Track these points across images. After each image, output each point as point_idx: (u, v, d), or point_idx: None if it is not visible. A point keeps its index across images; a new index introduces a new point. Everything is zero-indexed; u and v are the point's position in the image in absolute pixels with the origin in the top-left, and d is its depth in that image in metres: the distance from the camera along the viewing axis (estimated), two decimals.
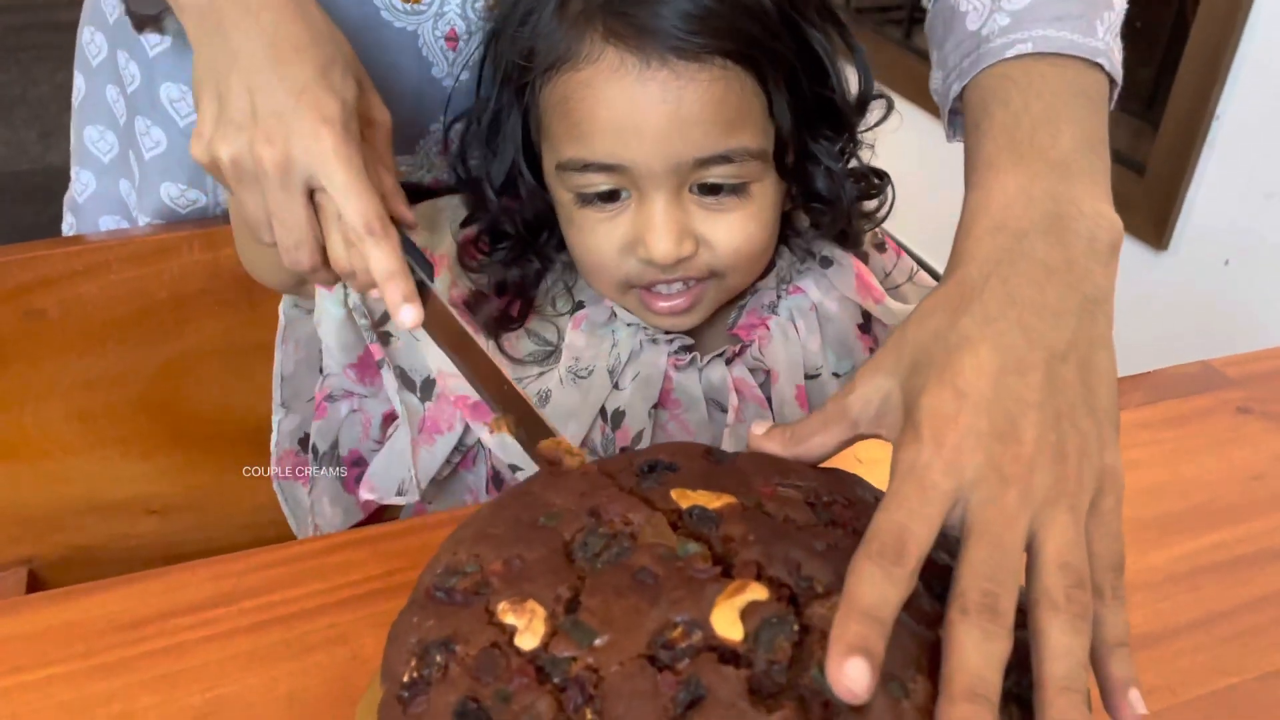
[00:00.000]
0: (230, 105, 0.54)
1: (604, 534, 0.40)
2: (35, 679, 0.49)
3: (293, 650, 0.51)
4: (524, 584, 0.38)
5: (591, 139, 0.60)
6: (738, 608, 0.36)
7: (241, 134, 0.53)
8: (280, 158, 0.53)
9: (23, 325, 0.74)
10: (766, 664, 0.35)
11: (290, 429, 0.76)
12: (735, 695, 0.34)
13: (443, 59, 0.73)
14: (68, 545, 0.83)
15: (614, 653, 0.35)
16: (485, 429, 0.67)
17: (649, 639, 0.36)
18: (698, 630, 0.36)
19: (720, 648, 0.35)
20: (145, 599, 0.53)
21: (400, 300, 0.54)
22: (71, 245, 0.76)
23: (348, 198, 0.53)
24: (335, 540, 0.58)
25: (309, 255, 0.56)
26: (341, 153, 0.53)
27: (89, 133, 0.83)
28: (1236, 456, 0.67)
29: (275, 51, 0.53)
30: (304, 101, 0.53)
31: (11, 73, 3.06)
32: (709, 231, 0.63)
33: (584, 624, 0.36)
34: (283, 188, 0.54)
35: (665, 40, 0.57)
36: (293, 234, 0.55)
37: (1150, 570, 0.58)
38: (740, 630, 0.36)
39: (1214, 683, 0.52)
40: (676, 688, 0.34)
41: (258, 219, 0.56)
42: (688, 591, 0.37)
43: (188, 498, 0.85)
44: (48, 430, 0.79)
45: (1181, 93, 1.74)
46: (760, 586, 0.37)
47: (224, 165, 0.54)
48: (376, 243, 0.54)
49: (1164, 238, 1.81)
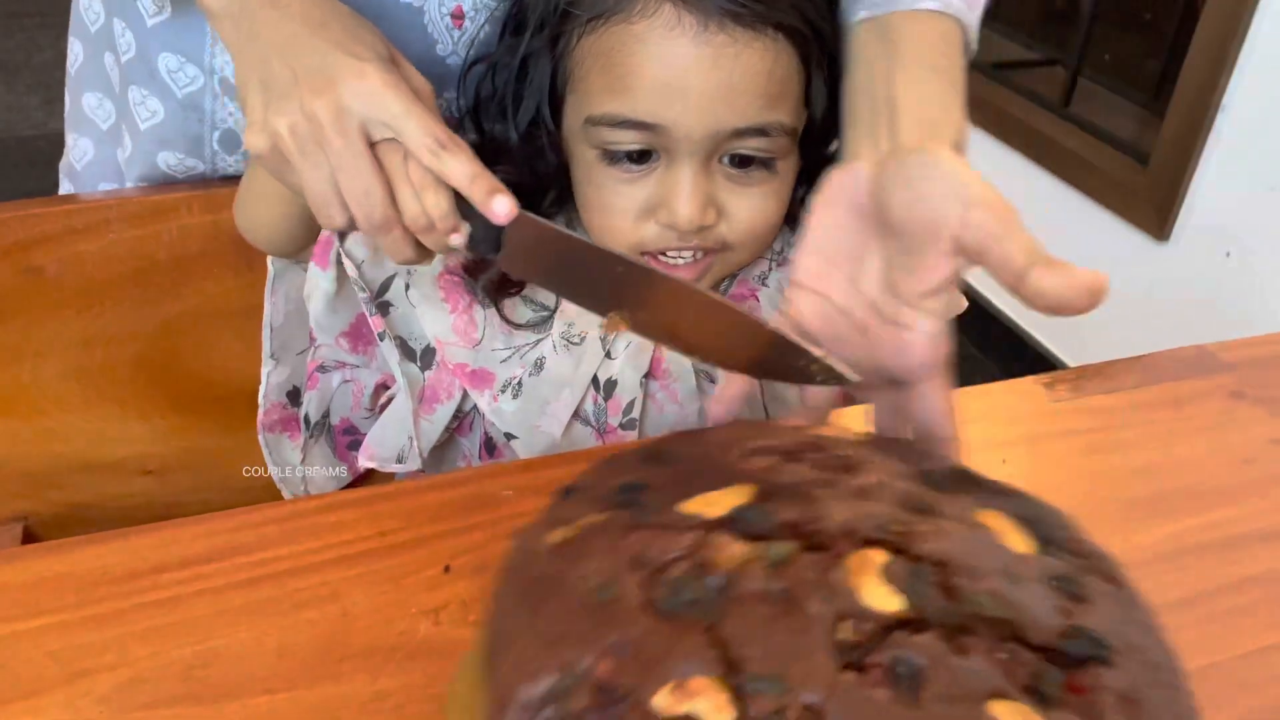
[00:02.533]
0: (275, 84, 0.53)
1: (674, 580, 0.36)
2: (28, 629, 0.49)
3: (283, 606, 0.51)
4: (657, 667, 0.33)
5: (634, 95, 0.59)
6: (878, 578, 0.35)
7: (291, 100, 0.53)
8: (332, 105, 0.52)
9: (21, 282, 0.75)
10: (938, 610, 0.34)
11: (279, 381, 0.76)
12: (941, 652, 0.33)
13: (448, 37, 0.72)
14: (63, 503, 0.83)
15: (815, 682, 0.32)
16: (484, 395, 0.67)
17: (831, 651, 0.33)
18: (867, 619, 0.34)
19: (891, 621, 0.34)
20: (138, 553, 0.54)
21: (488, 194, 0.53)
22: (70, 204, 0.76)
23: (407, 120, 0.52)
24: (328, 500, 0.58)
25: (381, 203, 0.54)
26: (389, 81, 0.52)
27: (87, 99, 0.83)
28: (1228, 440, 0.68)
29: (305, 27, 0.54)
30: (339, 52, 0.53)
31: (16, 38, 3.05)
32: (731, 203, 0.63)
33: (762, 674, 0.32)
34: (341, 134, 0.52)
35: (726, 3, 0.57)
36: (359, 182, 0.53)
37: (1138, 549, 0.58)
38: (895, 596, 0.34)
39: (1197, 660, 0.51)
40: (889, 677, 0.32)
41: (324, 191, 0.54)
42: (820, 587, 0.35)
43: (183, 459, 0.86)
44: (45, 388, 0.79)
45: (1187, 84, 1.74)
46: (873, 550, 0.36)
47: (284, 139, 0.53)
48: (451, 154, 0.52)
49: (1166, 228, 1.81)
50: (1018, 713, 0.32)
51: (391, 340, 0.68)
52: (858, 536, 0.37)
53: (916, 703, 0.32)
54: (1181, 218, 1.80)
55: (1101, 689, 0.34)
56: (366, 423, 0.77)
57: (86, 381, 0.80)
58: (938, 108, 0.54)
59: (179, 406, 0.84)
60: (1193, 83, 1.72)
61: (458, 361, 0.67)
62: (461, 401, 0.70)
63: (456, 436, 0.73)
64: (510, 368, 0.68)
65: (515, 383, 0.68)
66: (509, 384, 0.68)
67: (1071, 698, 0.34)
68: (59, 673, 0.47)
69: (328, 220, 0.55)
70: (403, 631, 0.50)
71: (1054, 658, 0.35)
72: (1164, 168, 1.80)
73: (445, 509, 0.58)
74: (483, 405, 0.68)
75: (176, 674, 0.47)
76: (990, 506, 0.42)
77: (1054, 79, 2.17)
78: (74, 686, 0.47)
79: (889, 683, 0.32)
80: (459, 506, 0.58)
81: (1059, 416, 0.69)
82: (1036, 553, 0.40)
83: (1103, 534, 0.59)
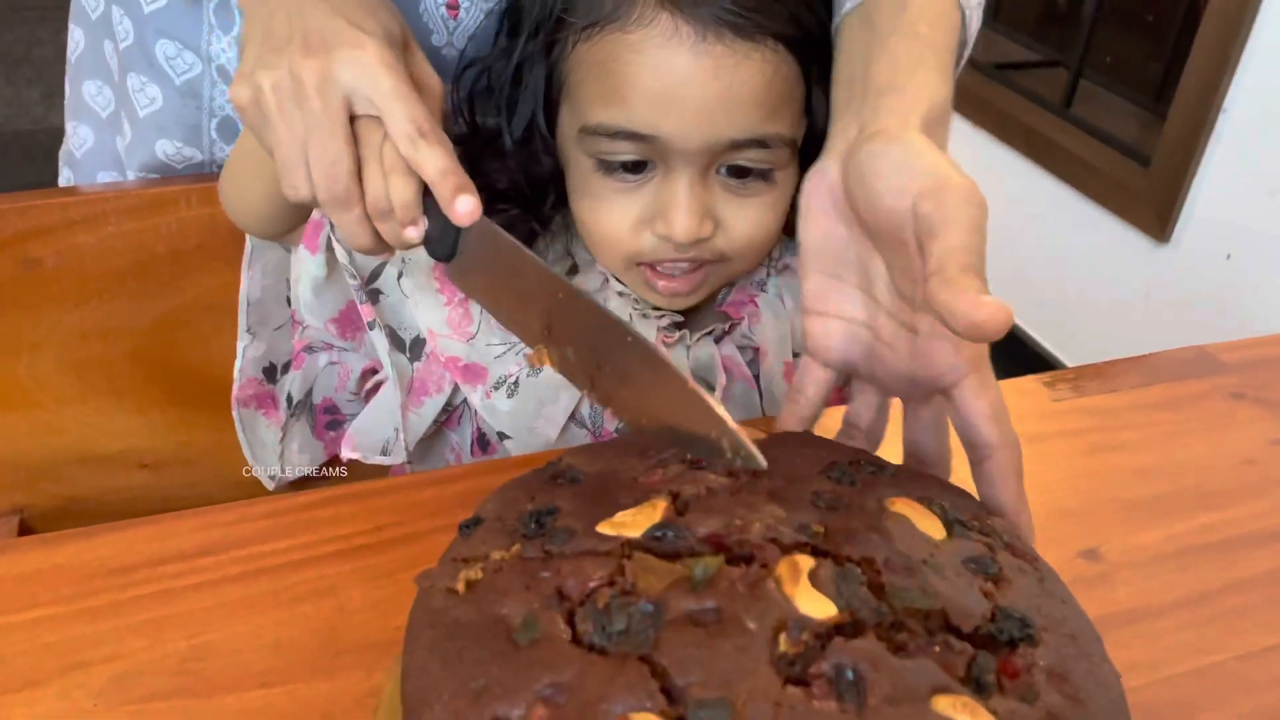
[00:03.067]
0: (274, 36, 0.52)
1: (600, 611, 0.34)
2: (22, 620, 0.49)
3: (280, 600, 0.51)
4: (596, 707, 0.31)
5: (630, 105, 0.58)
6: (809, 585, 0.35)
7: (282, 57, 0.51)
8: (321, 69, 0.51)
9: (18, 274, 0.74)
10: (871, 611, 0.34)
11: (255, 355, 0.75)
12: (880, 654, 0.33)
13: (443, 27, 0.72)
14: (59, 496, 0.83)
15: (760, 701, 0.31)
16: (477, 391, 0.67)
17: (772, 668, 0.32)
18: (804, 629, 0.33)
19: (828, 627, 0.34)
20: (134, 545, 0.53)
21: (454, 190, 0.51)
22: (68, 196, 0.75)
23: (395, 102, 0.51)
24: (325, 495, 0.58)
25: (345, 175, 0.52)
26: (386, 59, 0.51)
27: (88, 87, 0.82)
28: (1229, 441, 0.67)
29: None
30: (346, 20, 0.52)
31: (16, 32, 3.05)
32: (729, 215, 0.62)
33: (707, 700, 0.31)
34: (321, 98, 0.51)
35: (724, 14, 0.55)
36: (329, 150, 0.51)
37: (1138, 549, 0.58)
38: (828, 601, 0.34)
39: (1197, 660, 0.52)
40: (832, 688, 0.32)
41: (293, 155, 0.52)
42: (752, 601, 0.34)
43: (180, 453, 0.85)
44: (42, 380, 0.79)
45: (1189, 86, 1.73)
46: (800, 556, 0.36)
47: (265, 94, 0.52)
48: (429, 145, 0.51)
49: (1166, 230, 1.81)
50: (961, 705, 0.32)
51: (381, 329, 0.67)
52: (780, 544, 0.37)
53: (863, 711, 0.31)
54: (1182, 219, 1.79)
55: (1032, 668, 0.35)
56: (350, 405, 0.76)
57: (83, 374, 0.80)
58: (906, 72, 0.51)
59: (176, 400, 0.84)
60: (1194, 85, 1.72)
61: (450, 355, 0.67)
62: (451, 395, 0.69)
63: (445, 430, 0.72)
64: (505, 364, 0.67)
65: (511, 381, 0.67)
66: (503, 381, 0.67)
67: (1007, 682, 0.34)
68: (54, 665, 0.47)
69: (291, 189, 0.53)
70: (399, 627, 0.50)
71: (984, 643, 0.35)
72: (1165, 169, 1.80)
73: (442, 505, 0.57)
74: (474, 401, 0.68)
75: (172, 667, 0.47)
76: (899, 493, 0.42)
77: (1056, 80, 2.17)
78: (69, 679, 0.46)
79: (834, 694, 0.32)
80: (455, 502, 0.57)
81: (1060, 416, 0.68)
82: (947, 536, 0.40)
83: (1103, 534, 0.59)
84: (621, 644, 0.33)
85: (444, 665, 0.35)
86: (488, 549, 0.39)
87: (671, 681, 0.32)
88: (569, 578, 0.36)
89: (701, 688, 0.31)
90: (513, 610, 0.35)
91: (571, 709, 0.32)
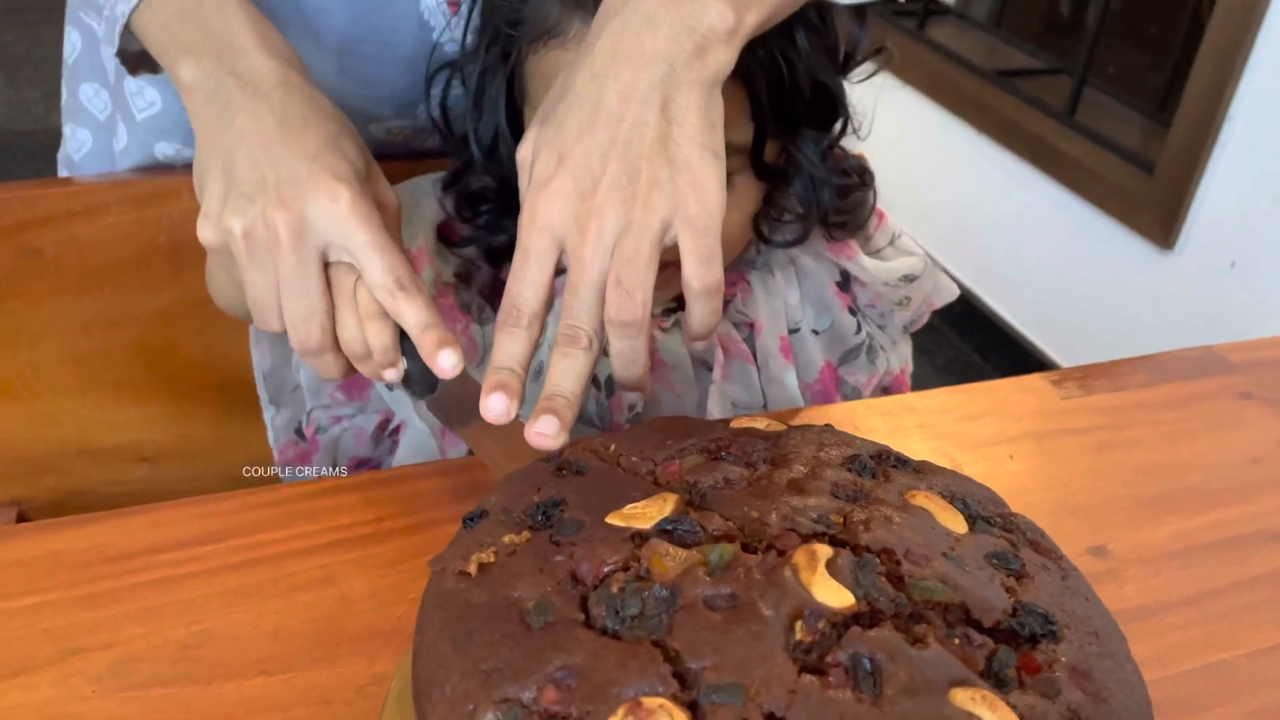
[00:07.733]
0: (240, 179, 0.51)
1: (614, 595, 0.34)
2: (20, 606, 0.49)
3: (280, 589, 0.50)
4: (607, 690, 0.31)
5: None
6: (826, 574, 0.34)
7: (253, 204, 0.51)
8: (295, 221, 0.50)
9: (19, 264, 0.74)
10: (889, 601, 0.34)
11: (283, 423, 0.76)
12: (898, 645, 0.32)
13: (444, 23, 0.72)
14: (58, 488, 0.82)
15: (775, 688, 0.31)
16: None
17: (787, 656, 0.32)
18: (820, 617, 0.33)
19: (845, 616, 0.33)
20: (133, 533, 0.53)
21: (436, 345, 0.52)
22: (69, 186, 0.75)
23: (372, 254, 0.51)
24: (324, 485, 0.58)
25: (319, 330, 0.53)
26: (360, 209, 0.51)
27: (85, 90, 0.82)
28: (1236, 440, 0.67)
29: (284, 128, 0.52)
30: (317, 165, 0.51)
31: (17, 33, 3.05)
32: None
33: (721, 684, 0.31)
34: (295, 252, 0.51)
35: None
36: (303, 304, 0.52)
37: (1146, 546, 0.58)
38: (846, 590, 0.34)
39: (1204, 657, 0.51)
40: (849, 677, 0.32)
41: (266, 299, 0.53)
42: (768, 589, 0.34)
43: (180, 446, 0.85)
44: (41, 371, 0.78)
45: (1193, 94, 1.73)
46: (818, 545, 0.36)
47: (235, 239, 0.51)
48: (409, 298, 0.51)
49: (1171, 237, 1.81)
50: (980, 698, 0.31)
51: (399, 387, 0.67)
52: (798, 533, 0.37)
53: (879, 700, 0.31)
54: (1186, 227, 1.79)
55: (1054, 665, 0.34)
56: (377, 451, 0.76)
57: (83, 366, 0.79)
58: None
59: (176, 393, 0.83)
60: (1198, 93, 1.72)
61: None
62: None
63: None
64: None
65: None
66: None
67: (1028, 677, 0.34)
68: (52, 651, 0.46)
69: (263, 324, 0.54)
70: (400, 616, 0.49)
71: (1005, 637, 0.35)
72: (1169, 177, 1.80)
73: (442, 495, 0.57)
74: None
75: (170, 654, 0.47)
76: (920, 487, 0.42)
77: (1060, 88, 2.17)
78: (67, 665, 0.46)
79: (850, 682, 0.31)
80: (456, 493, 0.57)
81: (1067, 414, 0.68)
82: (969, 531, 0.40)
83: (1110, 532, 0.59)
84: (635, 628, 0.33)
85: (455, 646, 0.34)
86: (496, 536, 0.39)
87: (684, 666, 0.32)
88: (583, 562, 0.36)
89: (715, 672, 0.31)
90: (525, 593, 0.35)
91: (582, 692, 0.31)
